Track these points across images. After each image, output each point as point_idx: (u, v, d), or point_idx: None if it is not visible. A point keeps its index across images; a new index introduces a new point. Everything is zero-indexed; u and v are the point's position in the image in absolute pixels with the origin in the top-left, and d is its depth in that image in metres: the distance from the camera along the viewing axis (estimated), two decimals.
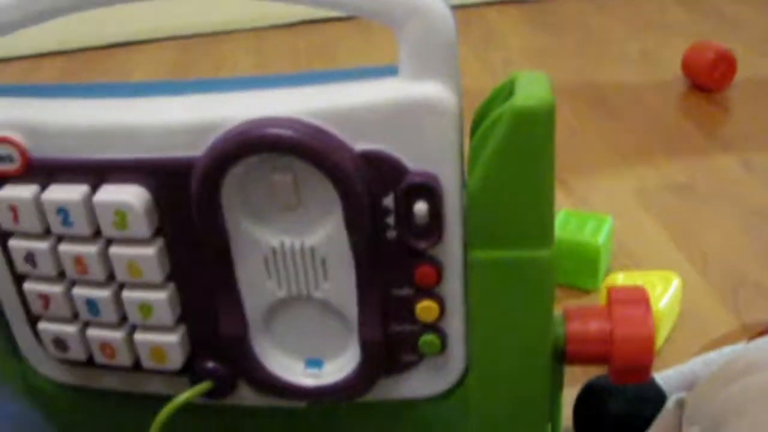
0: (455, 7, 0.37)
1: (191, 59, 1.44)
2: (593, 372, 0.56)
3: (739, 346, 0.54)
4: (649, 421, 0.50)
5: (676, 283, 0.66)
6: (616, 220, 0.75)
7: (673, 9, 1.44)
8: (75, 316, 0.44)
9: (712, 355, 0.56)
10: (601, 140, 1.00)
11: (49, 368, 0.48)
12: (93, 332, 0.44)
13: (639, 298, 0.44)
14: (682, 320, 0.67)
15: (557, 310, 0.44)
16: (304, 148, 0.37)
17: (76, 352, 0.45)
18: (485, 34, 1.39)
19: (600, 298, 0.69)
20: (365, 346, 0.42)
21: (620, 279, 0.67)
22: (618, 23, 1.40)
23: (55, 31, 0.40)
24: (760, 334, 0.50)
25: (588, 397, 0.52)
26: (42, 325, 0.45)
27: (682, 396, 0.49)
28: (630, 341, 0.42)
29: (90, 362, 0.45)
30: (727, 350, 0.56)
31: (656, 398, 0.52)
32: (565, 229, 0.71)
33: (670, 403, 0.49)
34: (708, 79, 1.08)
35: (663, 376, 0.55)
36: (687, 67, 1.11)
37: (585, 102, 1.10)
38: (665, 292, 0.65)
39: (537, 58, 1.29)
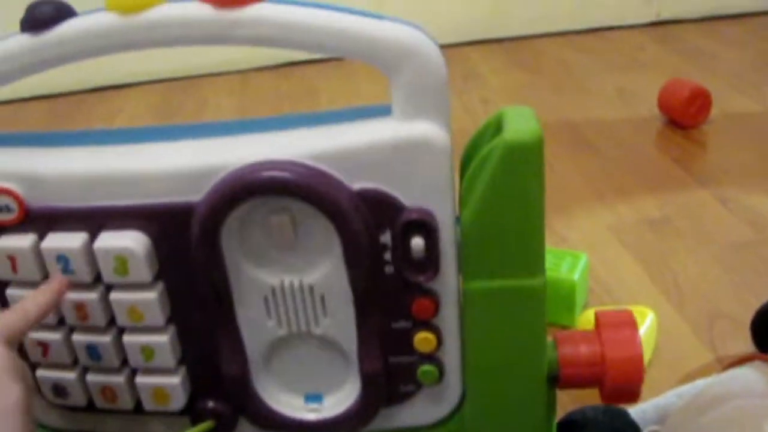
0: None
1: (174, 102, 1.44)
2: (568, 404, 0.57)
3: (710, 379, 0.56)
4: None
5: (650, 318, 0.67)
6: (594, 256, 0.76)
7: (649, 47, 1.47)
8: (75, 362, 0.44)
9: (686, 388, 0.58)
10: (579, 177, 1.01)
11: (46, 415, 0.48)
12: (93, 377, 0.44)
13: (626, 321, 0.45)
14: (659, 354, 0.68)
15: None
16: (303, 190, 0.38)
17: (76, 398, 0.45)
18: (465, 73, 1.41)
19: None
20: (365, 379, 0.43)
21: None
22: (595, 61, 1.42)
23: (39, 76, 0.41)
24: (731, 365, 0.52)
25: (563, 431, 0.53)
26: (40, 373, 0.45)
27: (655, 429, 0.50)
28: (620, 362, 0.43)
29: (90, 407, 0.46)
30: (700, 383, 0.57)
31: (630, 431, 0.54)
32: None
33: None
34: (684, 115, 1.10)
35: (638, 410, 0.57)
36: (663, 103, 1.13)
37: (562, 139, 1.11)
38: (639, 327, 0.66)
39: (515, 96, 1.30)
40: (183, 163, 0.40)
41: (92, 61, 0.40)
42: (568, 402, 0.61)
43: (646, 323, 0.67)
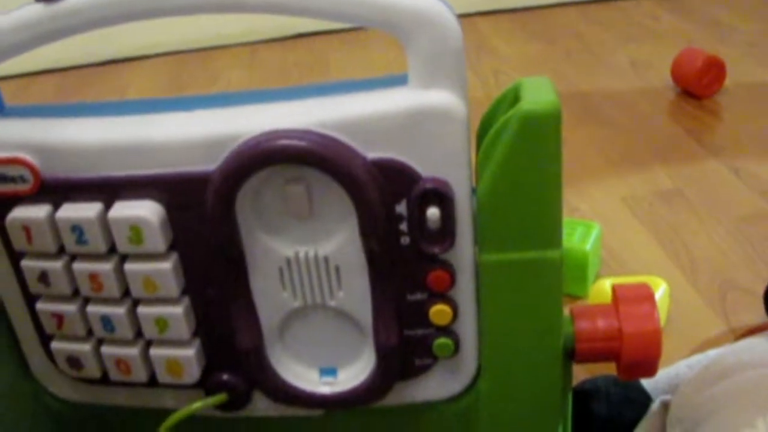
0: None
1: (185, 74, 1.44)
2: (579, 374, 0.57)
3: (722, 349, 0.56)
4: (633, 423, 0.52)
5: (663, 288, 0.67)
6: (606, 226, 0.76)
7: (662, 17, 1.45)
8: (89, 334, 0.44)
9: (697, 358, 0.57)
10: (592, 148, 1.01)
11: (61, 387, 0.48)
12: (108, 349, 0.44)
13: (644, 295, 0.45)
14: (671, 325, 0.68)
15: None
16: (318, 158, 0.38)
17: (91, 370, 0.45)
18: (477, 44, 1.40)
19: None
20: (380, 352, 0.43)
21: (607, 285, 0.67)
22: (608, 31, 1.41)
23: (48, 49, 0.41)
24: (744, 335, 0.51)
25: (575, 400, 0.53)
26: (55, 344, 0.45)
27: (666, 398, 0.50)
28: (638, 337, 0.43)
29: (104, 379, 0.46)
30: (712, 353, 0.57)
31: (641, 401, 0.53)
32: None
33: (655, 406, 0.51)
34: (697, 85, 1.09)
35: (650, 380, 0.56)
36: (676, 74, 1.12)
37: (575, 110, 1.11)
38: None
39: (527, 67, 1.30)
40: (197, 132, 0.39)
41: (101, 34, 0.40)
42: (579, 371, 0.61)
43: (659, 293, 0.67)
